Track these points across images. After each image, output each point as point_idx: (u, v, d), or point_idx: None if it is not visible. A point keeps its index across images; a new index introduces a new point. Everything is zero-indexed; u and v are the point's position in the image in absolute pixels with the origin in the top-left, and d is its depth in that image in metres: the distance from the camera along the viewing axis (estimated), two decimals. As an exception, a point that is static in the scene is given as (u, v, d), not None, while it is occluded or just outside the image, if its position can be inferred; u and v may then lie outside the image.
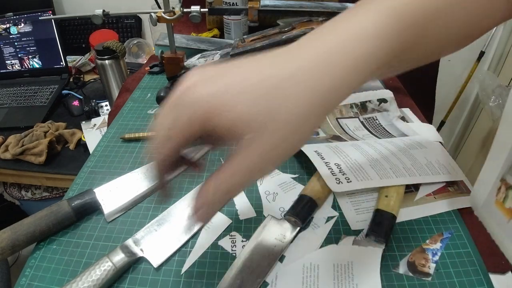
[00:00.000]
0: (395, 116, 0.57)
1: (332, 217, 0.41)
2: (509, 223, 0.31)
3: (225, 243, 0.39)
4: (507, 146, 0.32)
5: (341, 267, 0.35)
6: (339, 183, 0.42)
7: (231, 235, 0.39)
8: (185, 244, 0.38)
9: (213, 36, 0.95)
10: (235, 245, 0.38)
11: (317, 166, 0.44)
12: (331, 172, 0.43)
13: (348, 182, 0.42)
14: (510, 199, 0.32)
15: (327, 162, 0.45)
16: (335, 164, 0.44)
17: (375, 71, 0.22)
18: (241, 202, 0.43)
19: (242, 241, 0.39)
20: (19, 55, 1.28)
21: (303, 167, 0.48)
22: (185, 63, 0.69)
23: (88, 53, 1.36)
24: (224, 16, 0.86)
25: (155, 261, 0.37)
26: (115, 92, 0.99)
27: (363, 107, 0.58)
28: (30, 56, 1.28)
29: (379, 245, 0.36)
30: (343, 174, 0.43)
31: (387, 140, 0.50)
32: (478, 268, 0.35)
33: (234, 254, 0.37)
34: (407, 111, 0.58)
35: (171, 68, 0.67)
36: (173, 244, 0.38)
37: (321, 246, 0.37)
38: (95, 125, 1.07)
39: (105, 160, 0.51)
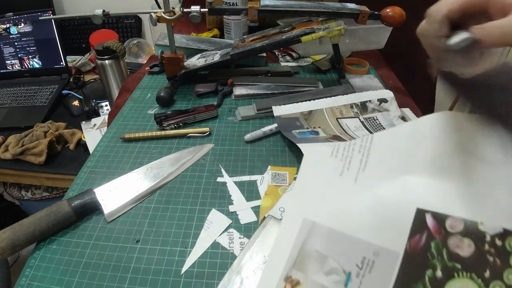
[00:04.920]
0: (395, 116, 0.57)
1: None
2: None
3: (223, 240, 0.39)
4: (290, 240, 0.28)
5: None
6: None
7: (229, 232, 0.40)
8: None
9: (213, 36, 0.95)
10: (233, 242, 0.39)
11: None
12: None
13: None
14: None
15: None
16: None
17: None
18: (242, 206, 0.43)
19: (240, 237, 0.39)
20: (19, 55, 1.28)
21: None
22: (185, 63, 0.69)
23: (88, 53, 1.36)
24: (224, 16, 0.86)
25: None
26: (115, 92, 0.99)
27: (363, 107, 0.58)
28: (30, 56, 1.28)
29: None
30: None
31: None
32: None
33: (232, 251, 0.38)
34: (407, 111, 0.58)
35: (171, 68, 0.67)
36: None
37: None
38: (95, 125, 1.07)
39: (105, 160, 0.51)
